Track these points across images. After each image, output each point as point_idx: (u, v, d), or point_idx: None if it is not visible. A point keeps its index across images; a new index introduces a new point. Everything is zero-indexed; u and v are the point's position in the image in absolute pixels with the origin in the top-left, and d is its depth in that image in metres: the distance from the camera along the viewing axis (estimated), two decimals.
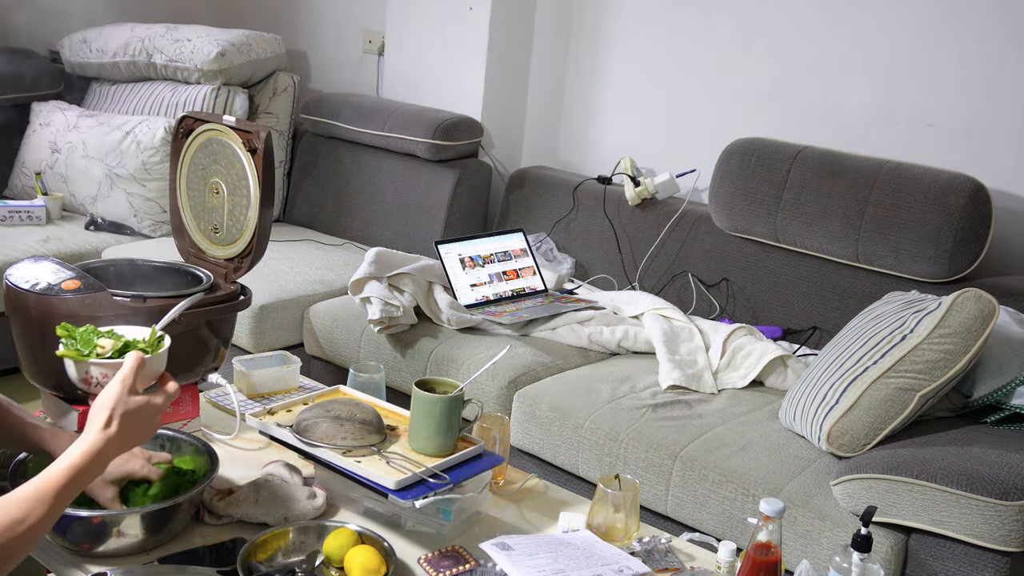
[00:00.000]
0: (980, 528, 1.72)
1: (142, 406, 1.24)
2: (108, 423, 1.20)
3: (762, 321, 2.65)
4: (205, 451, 1.55)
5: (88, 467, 1.17)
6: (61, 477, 1.14)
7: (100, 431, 1.20)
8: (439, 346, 2.47)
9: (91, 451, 1.18)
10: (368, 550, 1.39)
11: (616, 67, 3.21)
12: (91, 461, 1.18)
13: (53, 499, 1.13)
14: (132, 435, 1.24)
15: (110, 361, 1.31)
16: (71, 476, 1.15)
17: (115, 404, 1.22)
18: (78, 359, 1.31)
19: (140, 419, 1.24)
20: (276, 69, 3.51)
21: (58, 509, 1.14)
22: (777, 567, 1.35)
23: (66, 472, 1.15)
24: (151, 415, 1.27)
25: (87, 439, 1.19)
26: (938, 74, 2.58)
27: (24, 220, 3.11)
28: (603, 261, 2.99)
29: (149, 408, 1.26)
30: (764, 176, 2.58)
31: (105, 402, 1.22)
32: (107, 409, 1.21)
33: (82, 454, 1.17)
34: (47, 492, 1.13)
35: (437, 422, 1.53)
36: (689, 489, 2.00)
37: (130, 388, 1.24)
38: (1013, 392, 1.97)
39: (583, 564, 1.40)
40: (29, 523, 1.10)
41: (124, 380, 1.24)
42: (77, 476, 1.16)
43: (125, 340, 1.36)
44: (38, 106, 3.43)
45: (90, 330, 1.36)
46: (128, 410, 1.22)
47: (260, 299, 2.70)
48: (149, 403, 1.26)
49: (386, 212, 3.30)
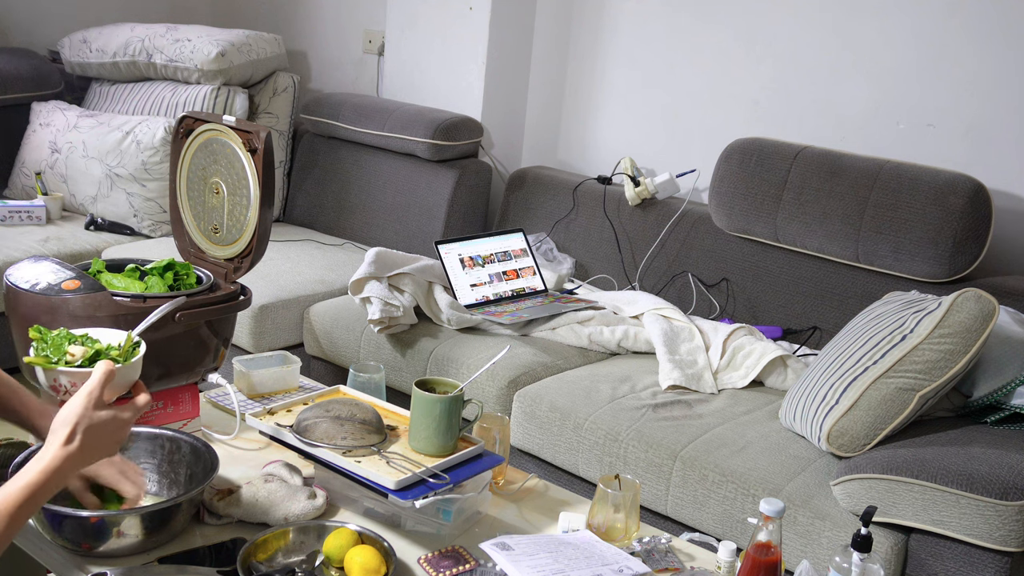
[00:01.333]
0: (980, 528, 1.72)
1: (107, 421, 1.20)
2: (70, 438, 1.16)
3: (762, 321, 2.65)
4: (205, 451, 1.55)
5: (45, 484, 1.14)
6: (17, 497, 1.12)
7: (60, 447, 1.16)
8: (439, 346, 2.47)
9: (49, 469, 1.15)
10: (368, 550, 1.39)
11: (616, 67, 3.21)
12: (48, 479, 1.15)
13: (8, 520, 1.11)
14: (94, 450, 1.20)
15: (79, 370, 1.27)
16: (27, 495, 1.13)
17: (78, 419, 1.17)
18: (46, 366, 1.27)
19: (104, 434, 1.20)
20: (276, 69, 3.51)
21: (14, 528, 1.11)
22: (777, 567, 1.35)
23: (21, 491, 1.12)
24: (116, 429, 1.22)
25: (45, 456, 1.16)
26: (938, 74, 2.58)
27: (24, 220, 3.12)
28: (603, 261, 2.99)
29: (115, 423, 1.21)
30: (764, 176, 2.58)
31: (68, 416, 1.18)
32: (69, 424, 1.17)
33: (39, 471, 1.14)
34: (2, 512, 1.10)
35: (437, 422, 1.53)
36: (689, 489, 2.00)
37: (96, 401, 1.19)
38: (1013, 392, 1.97)
39: (583, 564, 1.40)
40: None
41: (90, 394, 1.19)
42: (34, 496, 1.13)
43: (97, 347, 1.32)
44: (38, 106, 3.43)
45: (62, 335, 1.33)
46: (91, 425, 1.18)
47: (260, 299, 2.70)
48: (115, 418, 1.21)
49: (386, 212, 3.30)
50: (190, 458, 1.56)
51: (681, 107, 3.08)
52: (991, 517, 1.70)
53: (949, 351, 1.89)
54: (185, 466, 1.56)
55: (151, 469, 1.57)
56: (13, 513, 1.11)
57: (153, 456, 1.58)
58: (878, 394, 1.91)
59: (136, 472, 1.46)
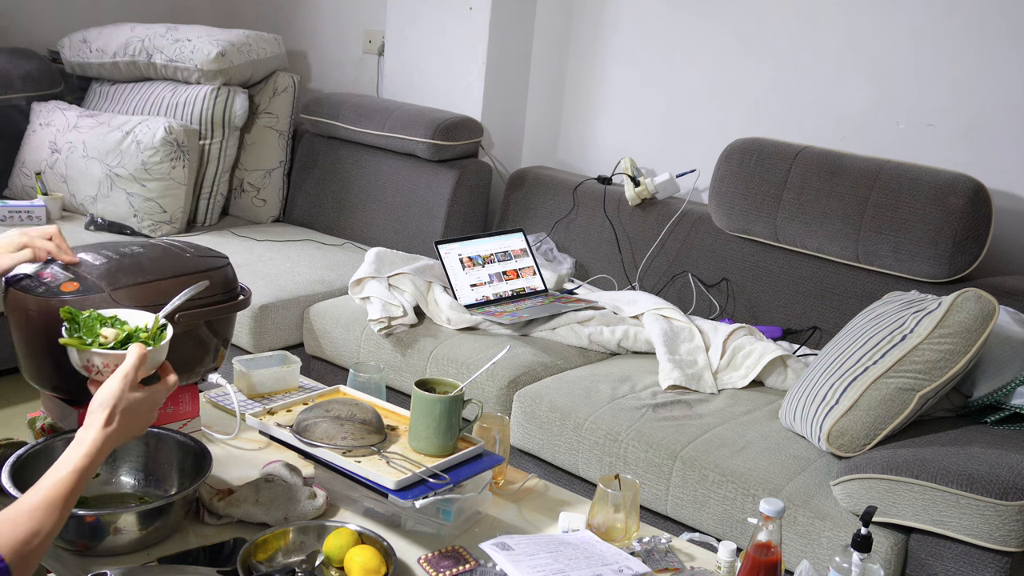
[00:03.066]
0: (980, 528, 1.72)
1: (142, 401, 1.28)
2: (109, 420, 1.23)
3: (762, 321, 2.65)
4: (198, 451, 1.54)
5: (91, 467, 1.20)
6: (68, 483, 1.17)
7: (101, 429, 1.22)
8: (439, 346, 2.47)
9: (92, 451, 1.20)
10: (368, 550, 1.39)
11: (616, 67, 3.21)
12: (92, 461, 1.20)
13: (63, 505, 1.16)
14: (130, 428, 1.27)
15: (113, 352, 1.32)
16: (77, 480, 1.18)
17: (116, 401, 1.24)
18: (80, 347, 1.32)
19: (139, 413, 1.27)
20: (276, 69, 3.52)
21: (67, 513, 1.17)
22: (777, 567, 1.35)
23: (72, 477, 1.17)
24: (150, 408, 1.30)
25: (88, 438, 1.21)
26: (938, 74, 2.58)
27: (24, 220, 3.11)
28: (603, 261, 2.99)
29: (148, 402, 1.29)
30: (764, 176, 2.58)
31: (107, 398, 1.24)
32: (108, 406, 1.23)
33: (84, 455, 1.19)
34: (56, 500, 1.15)
35: (437, 422, 1.53)
36: (689, 489, 2.00)
37: (131, 383, 1.26)
38: (1013, 392, 1.97)
39: (583, 564, 1.40)
40: (44, 533, 1.13)
41: (126, 376, 1.26)
42: (81, 479, 1.18)
43: (128, 330, 1.37)
44: (38, 106, 3.43)
45: (93, 316, 1.38)
46: (128, 406, 1.25)
47: (260, 299, 2.70)
48: (148, 398, 1.29)
49: (386, 212, 3.30)
50: (179, 455, 1.57)
51: (681, 107, 3.08)
52: (991, 517, 1.70)
53: (949, 351, 1.89)
54: (175, 462, 1.57)
55: (139, 467, 1.58)
56: (67, 498, 1.16)
57: (141, 454, 1.58)
58: (878, 394, 1.91)
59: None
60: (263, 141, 3.48)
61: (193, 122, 3.28)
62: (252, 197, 3.52)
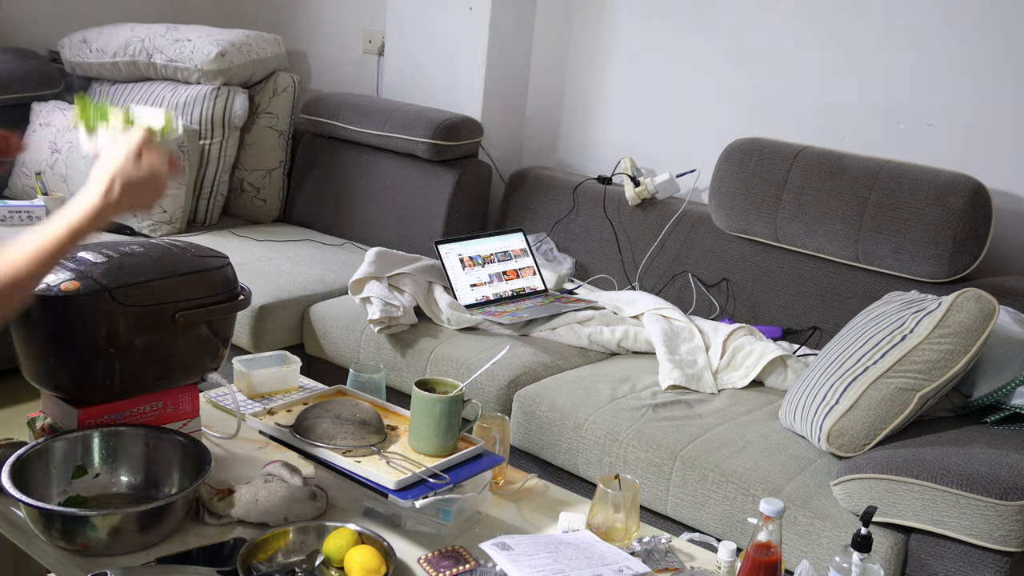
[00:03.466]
0: (980, 528, 1.72)
1: (144, 178, 1.27)
2: (109, 189, 1.24)
3: (762, 321, 2.65)
4: (198, 451, 1.54)
5: (85, 228, 1.21)
6: (60, 236, 1.18)
7: (101, 196, 1.23)
8: (439, 346, 2.47)
9: (90, 213, 1.21)
10: (368, 550, 1.39)
11: (616, 67, 3.21)
12: (89, 223, 1.21)
13: (50, 256, 1.18)
14: (130, 202, 1.27)
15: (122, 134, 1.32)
16: (69, 236, 1.19)
17: (117, 172, 1.25)
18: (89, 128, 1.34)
19: (141, 188, 1.27)
20: (276, 69, 3.51)
21: (52, 265, 1.19)
22: (777, 567, 1.35)
23: (65, 232, 1.19)
24: (151, 185, 1.28)
25: (87, 200, 1.22)
26: (938, 74, 2.58)
27: (24, 220, 3.11)
28: (603, 261, 2.99)
29: (151, 180, 1.28)
30: (764, 176, 2.58)
31: (108, 168, 1.25)
32: (109, 175, 1.24)
33: (81, 215, 1.21)
34: (46, 250, 1.17)
35: (437, 422, 1.53)
36: (689, 489, 2.00)
37: (133, 157, 1.26)
38: (1013, 392, 1.97)
39: (583, 564, 1.40)
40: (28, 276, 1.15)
41: (130, 152, 1.26)
42: (75, 235, 1.20)
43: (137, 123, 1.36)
44: (38, 106, 3.43)
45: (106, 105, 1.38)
46: (130, 179, 1.25)
47: (260, 299, 2.70)
48: (151, 175, 1.27)
49: (386, 212, 3.30)
50: (179, 455, 1.56)
51: (681, 107, 3.08)
52: (991, 517, 1.70)
53: (949, 351, 1.89)
54: (175, 462, 1.57)
55: (139, 467, 1.57)
56: (56, 249, 1.18)
57: (141, 454, 1.58)
58: (878, 394, 1.91)
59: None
60: (263, 141, 3.48)
61: (193, 122, 3.28)
62: (252, 197, 3.52)
